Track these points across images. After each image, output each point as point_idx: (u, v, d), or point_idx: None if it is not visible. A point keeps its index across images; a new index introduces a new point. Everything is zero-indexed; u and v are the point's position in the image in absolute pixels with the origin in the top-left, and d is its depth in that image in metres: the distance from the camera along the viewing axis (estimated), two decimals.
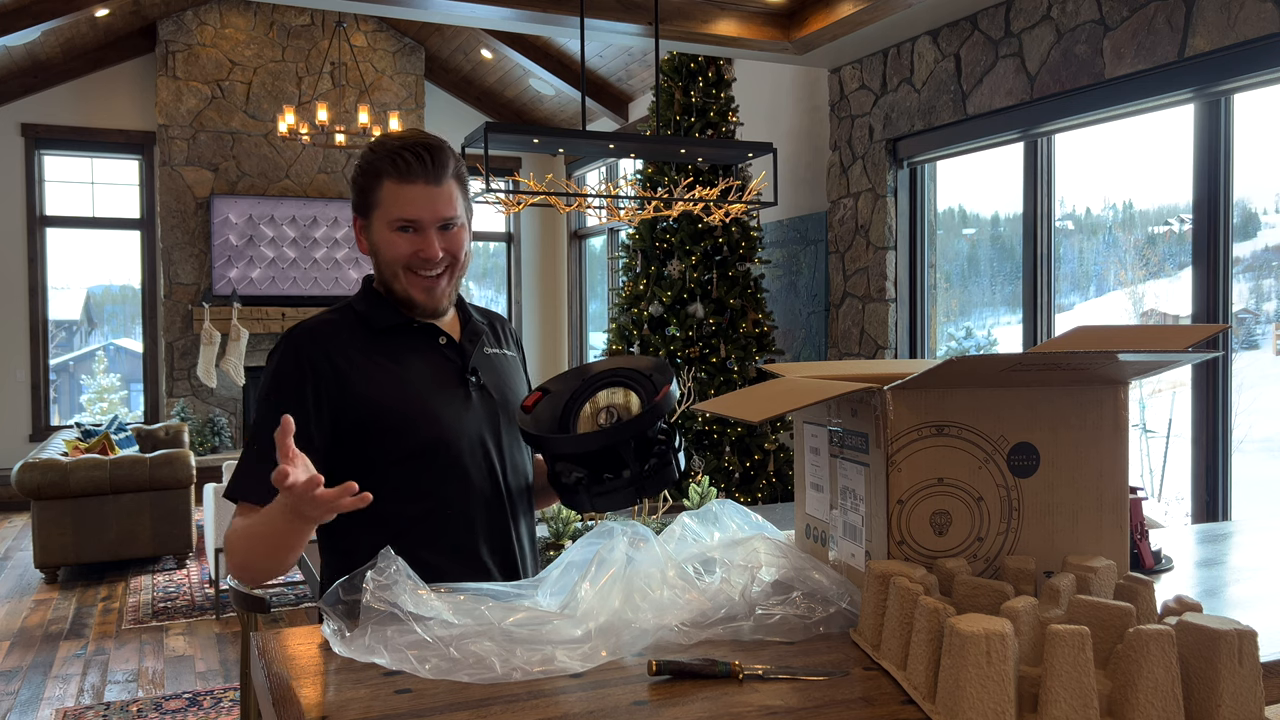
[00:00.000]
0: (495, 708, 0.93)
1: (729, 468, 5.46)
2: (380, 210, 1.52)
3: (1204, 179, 3.70)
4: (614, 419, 1.50)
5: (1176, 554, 1.53)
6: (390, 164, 1.49)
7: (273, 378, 1.50)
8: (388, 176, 1.50)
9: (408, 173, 1.49)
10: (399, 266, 1.52)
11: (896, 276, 5.33)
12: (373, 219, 1.53)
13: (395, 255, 1.52)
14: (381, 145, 1.53)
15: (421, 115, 9.18)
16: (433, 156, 1.51)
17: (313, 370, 1.48)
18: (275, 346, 1.54)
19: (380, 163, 1.50)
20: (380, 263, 1.55)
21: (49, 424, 8.51)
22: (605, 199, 4.72)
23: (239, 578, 1.47)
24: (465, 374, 1.57)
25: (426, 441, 1.50)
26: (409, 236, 1.51)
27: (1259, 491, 3.83)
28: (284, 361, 1.50)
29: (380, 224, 1.52)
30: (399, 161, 1.49)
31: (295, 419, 1.46)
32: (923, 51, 5.01)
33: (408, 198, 1.50)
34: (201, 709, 3.76)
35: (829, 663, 1.04)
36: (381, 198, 1.51)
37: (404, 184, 1.50)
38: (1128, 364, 1.11)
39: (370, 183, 1.52)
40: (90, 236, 8.74)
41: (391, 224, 1.51)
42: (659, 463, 1.49)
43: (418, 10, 4.85)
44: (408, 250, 1.51)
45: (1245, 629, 0.87)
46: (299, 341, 1.51)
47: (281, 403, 1.46)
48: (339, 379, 1.49)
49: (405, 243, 1.51)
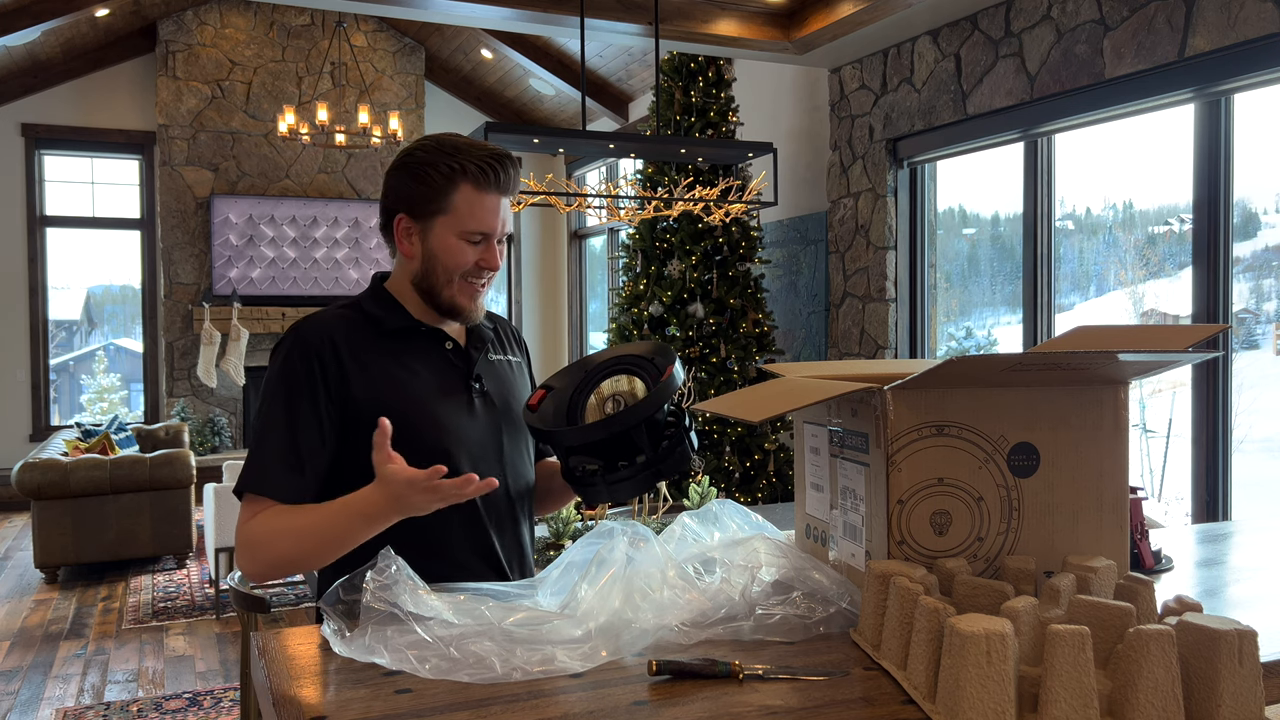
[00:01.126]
0: (495, 708, 0.93)
1: (729, 468, 5.46)
2: (449, 217, 1.48)
3: (1204, 179, 3.70)
4: (621, 406, 1.48)
5: (1176, 554, 1.53)
6: (477, 171, 1.46)
7: (282, 371, 1.47)
8: (468, 183, 1.47)
9: (491, 184, 1.48)
10: (458, 274, 1.50)
11: (896, 276, 5.33)
12: (435, 223, 1.49)
13: (459, 263, 1.50)
14: (457, 150, 1.48)
15: (421, 115, 9.18)
16: (512, 170, 1.50)
17: (321, 365, 1.46)
18: (281, 340, 1.51)
19: (460, 168, 1.46)
20: (435, 268, 1.51)
21: (49, 424, 8.51)
22: (605, 199, 4.72)
23: (264, 575, 1.43)
24: (469, 380, 1.57)
25: (430, 446, 1.48)
26: (476, 247, 1.50)
27: (1259, 491, 3.83)
28: (292, 355, 1.47)
29: (446, 230, 1.49)
30: (485, 171, 1.47)
31: (308, 413, 1.45)
32: (923, 51, 5.01)
33: (486, 209, 1.48)
34: (201, 709, 3.76)
35: (829, 663, 1.04)
36: (455, 204, 1.47)
37: (484, 194, 1.48)
38: (1128, 364, 1.11)
39: (441, 185, 1.47)
40: (90, 236, 8.74)
41: (464, 233, 1.48)
42: (672, 444, 1.47)
43: (418, 10, 4.85)
44: (473, 259, 1.50)
45: (1245, 629, 0.87)
46: (307, 335, 1.49)
47: (293, 397, 1.45)
48: (345, 377, 1.47)
49: (472, 252, 1.50)
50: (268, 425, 1.46)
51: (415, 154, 1.50)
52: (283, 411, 1.45)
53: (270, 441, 1.45)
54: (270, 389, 1.48)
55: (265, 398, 1.49)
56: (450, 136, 1.53)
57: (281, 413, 1.45)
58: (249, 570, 1.45)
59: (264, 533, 1.41)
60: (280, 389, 1.47)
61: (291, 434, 1.44)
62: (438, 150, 1.48)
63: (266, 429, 1.46)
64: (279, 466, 1.43)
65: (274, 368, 1.50)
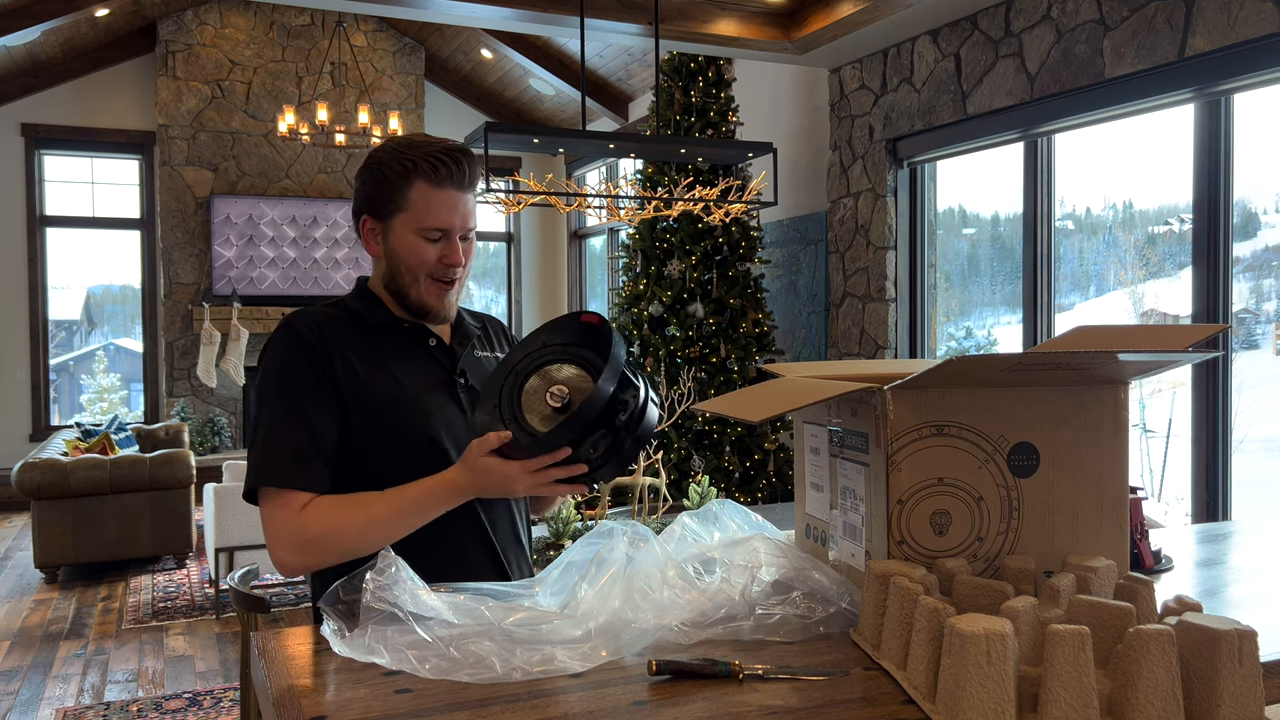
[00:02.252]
0: (495, 708, 0.93)
1: (729, 468, 5.46)
2: (408, 214, 1.47)
3: (1204, 179, 3.70)
4: (566, 401, 1.36)
5: (1176, 554, 1.53)
6: (428, 167, 1.45)
7: (281, 363, 1.46)
8: (422, 179, 1.45)
9: (445, 179, 1.46)
10: (422, 272, 1.49)
11: (896, 276, 5.33)
12: (394, 222, 1.49)
13: (420, 261, 1.48)
14: (411, 147, 1.47)
15: (421, 115, 9.18)
16: (467, 164, 1.48)
17: (315, 355, 1.46)
18: (271, 337, 1.49)
19: (413, 165, 1.45)
20: (399, 267, 1.50)
21: (49, 424, 8.51)
22: (605, 199, 4.72)
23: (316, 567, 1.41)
24: (453, 376, 1.57)
25: (419, 442, 1.48)
26: (436, 244, 1.48)
27: (1259, 491, 3.83)
28: (288, 346, 1.46)
29: (404, 228, 1.48)
30: (438, 166, 1.45)
31: (315, 401, 1.44)
32: (923, 51, 5.01)
33: (442, 204, 1.46)
34: (201, 709, 3.76)
35: (829, 663, 1.04)
36: (411, 201, 1.46)
37: (438, 190, 1.46)
38: (1128, 364, 1.11)
39: (397, 184, 1.47)
40: (90, 236, 8.74)
41: (421, 230, 1.47)
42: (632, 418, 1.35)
43: (418, 10, 4.85)
44: (434, 257, 1.48)
45: (1245, 629, 0.87)
46: (298, 327, 1.48)
47: (296, 387, 1.43)
48: (334, 370, 1.47)
49: (432, 250, 1.48)
50: (275, 417, 1.43)
51: (375, 155, 1.50)
52: (289, 402, 1.44)
53: (282, 433, 1.42)
54: (269, 383, 1.46)
55: (266, 392, 1.46)
56: (411, 135, 1.52)
57: (288, 403, 1.43)
58: (303, 563, 1.41)
59: (326, 528, 1.38)
60: (279, 382, 1.45)
61: (304, 423, 1.43)
62: (394, 149, 1.48)
63: (274, 421, 1.43)
64: (299, 457, 1.41)
65: (270, 362, 1.48)
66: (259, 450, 1.43)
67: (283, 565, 1.42)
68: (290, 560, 1.41)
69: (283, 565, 1.42)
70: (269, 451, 1.42)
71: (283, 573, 1.43)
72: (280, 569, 1.42)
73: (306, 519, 1.39)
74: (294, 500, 1.40)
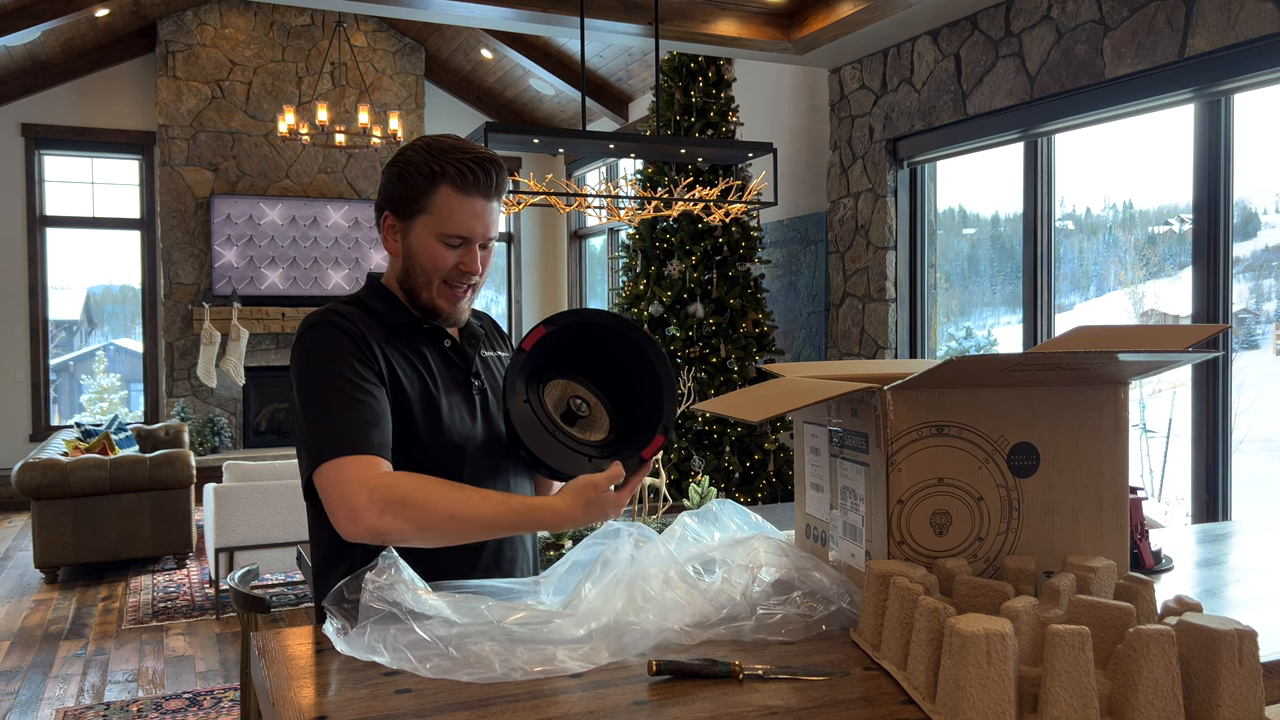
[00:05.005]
0: (495, 708, 0.93)
1: (729, 468, 5.46)
2: (431, 217, 1.46)
3: (1204, 179, 3.70)
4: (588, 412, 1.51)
5: (1176, 554, 1.53)
6: (456, 173, 1.44)
7: (328, 350, 1.42)
8: (448, 185, 1.44)
9: (472, 186, 1.45)
10: (436, 276, 1.48)
11: (896, 276, 5.33)
12: (415, 223, 1.47)
13: (437, 265, 1.48)
14: (443, 151, 1.45)
15: (421, 115, 9.17)
16: (495, 173, 1.47)
17: (360, 348, 1.44)
18: (304, 333, 1.45)
19: (441, 169, 1.44)
20: (414, 268, 1.49)
21: (49, 424, 8.51)
22: (605, 199, 4.72)
23: (394, 535, 1.30)
24: (470, 376, 1.57)
25: (441, 440, 1.48)
26: (455, 250, 1.47)
27: (1259, 491, 3.83)
28: (332, 336, 1.43)
29: (426, 231, 1.47)
30: (465, 174, 1.44)
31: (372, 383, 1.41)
32: (923, 51, 5.01)
33: (465, 212, 1.45)
34: (201, 709, 3.76)
35: (829, 663, 1.04)
36: (435, 204, 1.45)
37: (464, 197, 1.45)
38: (1128, 364, 1.11)
39: (423, 186, 1.45)
40: (90, 236, 8.74)
41: (442, 235, 1.46)
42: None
43: (418, 10, 4.85)
44: (451, 262, 1.48)
45: (1245, 629, 0.87)
46: (337, 321, 1.45)
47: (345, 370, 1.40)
48: (377, 364, 1.45)
49: (451, 255, 1.47)
50: (331, 398, 1.38)
51: (405, 153, 1.49)
52: (346, 384, 1.39)
53: (349, 408, 1.37)
54: (316, 369, 1.42)
55: (314, 378, 1.41)
56: (443, 138, 1.50)
57: (346, 385, 1.39)
58: (377, 523, 1.29)
59: (419, 495, 1.31)
60: (330, 366, 1.41)
61: (366, 402, 1.39)
62: (425, 150, 1.47)
63: (332, 401, 1.38)
64: (372, 428, 1.37)
65: (313, 351, 1.43)
66: (321, 429, 1.36)
67: (357, 517, 1.29)
68: (368, 514, 1.29)
69: (357, 517, 1.29)
70: (336, 427, 1.35)
71: (350, 528, 1.29)
72: (349, 522, 1.29)
73: (396, 479, 1.33)
74: (376, 463, 1.35)
